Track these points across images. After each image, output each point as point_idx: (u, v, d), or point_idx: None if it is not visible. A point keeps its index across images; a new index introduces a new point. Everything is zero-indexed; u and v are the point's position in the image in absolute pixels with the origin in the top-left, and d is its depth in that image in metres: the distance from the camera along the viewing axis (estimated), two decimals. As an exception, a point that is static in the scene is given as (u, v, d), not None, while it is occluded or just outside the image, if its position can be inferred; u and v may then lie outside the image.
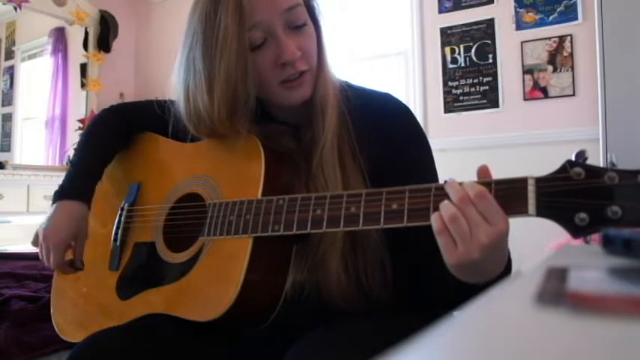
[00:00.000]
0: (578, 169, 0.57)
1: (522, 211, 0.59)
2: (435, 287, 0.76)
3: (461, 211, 0.60)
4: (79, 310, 0.97)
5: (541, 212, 0.58)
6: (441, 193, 0.63)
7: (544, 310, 0.33)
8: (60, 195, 0.94)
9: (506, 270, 0.68)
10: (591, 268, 0.48)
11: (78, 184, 0.95)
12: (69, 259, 0.94)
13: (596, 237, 0.58)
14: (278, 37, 0.79)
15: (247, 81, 0.78)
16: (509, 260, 0.69)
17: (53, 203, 0.94)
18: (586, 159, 0.58)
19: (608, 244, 0.49)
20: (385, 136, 0.84)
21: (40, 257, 0.94)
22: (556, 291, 0.36)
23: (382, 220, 0.66)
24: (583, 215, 0.56)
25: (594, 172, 0.56)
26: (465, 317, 0.32)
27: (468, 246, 0.60)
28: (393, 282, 0.83)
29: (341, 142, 0.83)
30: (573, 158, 0.58)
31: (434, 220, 0.62)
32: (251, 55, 0.79)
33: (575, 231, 0.56)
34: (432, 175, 0.86)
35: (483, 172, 0.64)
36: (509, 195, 0.60)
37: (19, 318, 1.24)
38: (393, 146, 0.84)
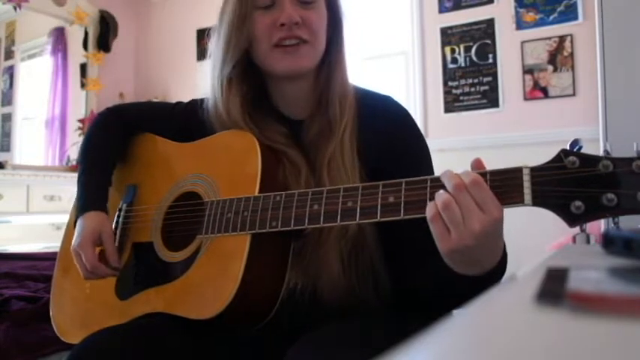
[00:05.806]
0: (572, 158, 0.57)
1: (518, 200, 0.59)
2: (432, 286, 0.76)
3: (455, 198, 0.60)
4: (78, 310, 0.97)
5: (537, 202, 0.58)
6: (437, 184, 0.63)
7: (544, 310, 0.33)
8: (79, 210, 0.93)
9: (502, 264, 0.68)
10: (591, 268, 0.48)
11: (91, 197, 0.94)
12: (103, 258, 0.91)
13: (594, 228, 0.58)
14: (283, 2, 0.82)
15: (242, 30, 0.84)
16: (505, 254, 0.69)
17: (76, 220, 0.93)
18: (580, 148, 0.58)
19: (609, 244, 0.49)
20: (385, 137, 0.85)
21: (80, 271, 0.90)
22: (556, 291, 0.36)
23: (379, 213, 0.66)
24: (579, 203, 0.56)
25: (589, 160, 0.56)
26: (464, 317, 0.32)
27: (461, 233, 0.60)
28: (391, 283, 0.83)
29: (351, 141, 0.84)
30: (568, 147, 0.58)
31: (428, 209, 0.62)
32: (254, 12, 0.83)
33: (572, 219, 0.57)
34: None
35: (477, 164, 0.64)
36: (504, 185, 0.60)
37: (19, 318, 1.23)
38: (392, 148, 0.84)
